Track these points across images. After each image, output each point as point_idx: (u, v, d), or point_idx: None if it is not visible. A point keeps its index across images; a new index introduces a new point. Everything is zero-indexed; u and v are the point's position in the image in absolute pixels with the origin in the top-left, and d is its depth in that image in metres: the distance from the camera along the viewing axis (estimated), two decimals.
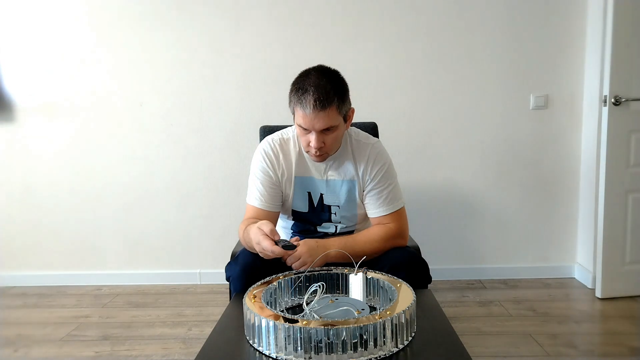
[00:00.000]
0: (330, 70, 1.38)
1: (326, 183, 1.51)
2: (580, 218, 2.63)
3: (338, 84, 1.36)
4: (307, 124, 1.33)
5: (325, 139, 1.37)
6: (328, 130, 1.35)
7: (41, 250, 2.77)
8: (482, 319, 2.18)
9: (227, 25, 2.56)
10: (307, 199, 1.53)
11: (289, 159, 1.50)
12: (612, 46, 2.22)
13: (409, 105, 2.59)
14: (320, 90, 1.30)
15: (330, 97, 1.31)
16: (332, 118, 1.33)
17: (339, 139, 1.44)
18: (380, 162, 1.49)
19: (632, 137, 2.31)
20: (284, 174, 1.50)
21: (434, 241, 2.66)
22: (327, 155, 1.45)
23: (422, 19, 2.53)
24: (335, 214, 1.53)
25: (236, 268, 1.39)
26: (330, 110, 1.31)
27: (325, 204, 1.53)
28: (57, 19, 2.58)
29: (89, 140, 2.67)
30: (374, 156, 1.49)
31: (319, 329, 0.93)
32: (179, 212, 2.71)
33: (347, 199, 1.51)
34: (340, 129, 1.39)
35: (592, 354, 1.87)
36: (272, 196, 1.49)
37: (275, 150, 1.50)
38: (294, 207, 1.54)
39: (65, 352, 1.99)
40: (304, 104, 1.30)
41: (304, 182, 1.52)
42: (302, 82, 1.33)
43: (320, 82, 1.31)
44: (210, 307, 2.42)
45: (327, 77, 1.35)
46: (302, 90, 1.31)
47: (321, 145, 1.37)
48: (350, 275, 1.21)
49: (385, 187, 1.49)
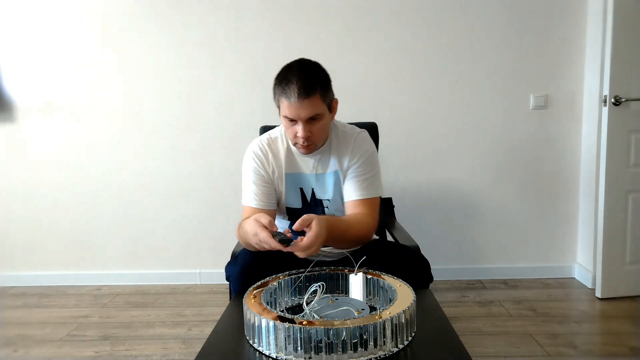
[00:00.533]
0: (311, 62, 1.41)
1: (316, 177, 1.52)
2: (580, 218, 2.63)
3: (320, 73, 1.40)
4: (293, 114, 1.35)
5: (312, 129, 1.38)
6: (314, 120, 1.37)
7: (41, 250, 2.77)
8: (482, 319, 2.18)
9: (227, 25, 2.56)
10: (300, 195, 1.54)
11: (278, 157, 1.52)
12: (612, 46, 2.22)
13: (409, 105, 2.59)
14: (303, 79, 1.33)
15: (314, 85, 1.34)
16: (317, 106, 1.35)
17: (326, 129, 1.45)
18: (362, 150, 1.51)
19: (632, 137, 2.31)
20: (275, 171, 1.52)
21: (434, 241, 2.66)
22: (315, 147, 1.46)
23: (422, 19, 2.53)
24: (327, 208, 1.54)
25: (236, 268, 1.39)
26: (315, 98, 1.34)
27: (317, 199, 1.54)
28: (57, 19, 2.58)
29: (89, 140, 2.67)
30: (358, 144, 1.51)
31: (319, 329, 0.93)
32: (179, 212, 2.71)
33: (335, 191, 1.53)
34: (326, 119, 1.42)
35: (592, 354, 1.87)
36: (267, 194, 1.50)
37: (264, 149, 1.52)
38: (288, 204, 1.55)
39: (65, 352, 1.99)
40: (288, 94, 1.33)
41: (294, 179, 1.53)
42: (285, 74, 1.37)
43: (303, 72, 1.35)
44: (210, 307, 2.42)
45: (309, 67, 1.39)
46: (286, 81, 1.34)
47: (308, 135, 1.38)
48: (350, 275, 1.21)
49: (364, 174, 1.50)
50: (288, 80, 1.34)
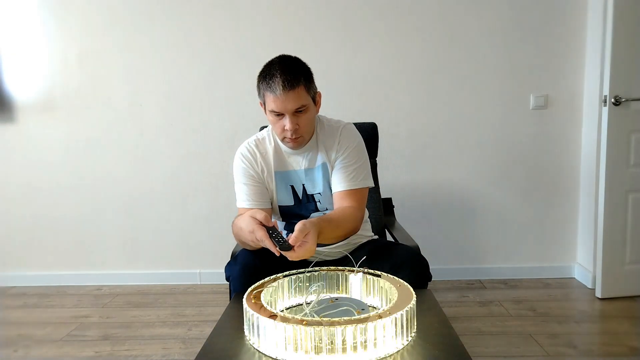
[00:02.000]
0: (291, 57, 1.45)
1: (305, 172, 1.53)
2: (580, 218, 2.63)
3: (301, 66, 1.42)
4: (279, 107, 1.37)
5: (299, 121, 1.40)
6: (300, 112, 1.39)
7: (41, 250, 2.77)
8: (482, 319, 2.18)
9: (227, 25, 2.56)
10: (291, 192, 1.54)
11: (266, 157, 1.53)
12: (612, 46, 2.22)
13: (409, 105, 2.59)
14: (287, 72, 1.36)
15: (297, 77, 1.36)
16: (302, 97, 1.38)
17: (312, 121, 1.46)
18: (348, 140, 1.52)
19: (632, 137, 2.31)
20: (264, 170, 1.52)
21: (434, 241, 2.66)
22: (303, 140, 1.47)
23: (422, 19, 2.53)
24: (319, 202, 1.54)
25: (236, 268, 1.39)
26: (299, 89, 1.36)
27: (309, 194, 1.54)
28: (57, 20, 2.58)
29: (89, 140, 2.67)
30: (344, 136, 1.52)
31: (319, 329, 0.93)
32: (179, 212, 2.71)
33: (324, 185, 1.53)
34: (311, 111, 1.44)
35: (592, 354, 1.87)
36: (260, 194, 1.51)
37: (252, 151, 1.53)
38: (280, 203, 1.55)
39: (65, 352, 1.99)
40: (273, 87, 1.36)
41: (284, 177, 1.53)
42: (268, 70, 1.40)
43: (285, 66, 1.38)
44: (210, 307, 2.42)
45: (290, 61, 1.42)
46: (270, 75, 1.37)
47: (296, 127, 1.40)
48: (350, 275, 1.21)
49: (352, 164, 1.50)
50: (271, 74, 1.37)
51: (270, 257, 1.33)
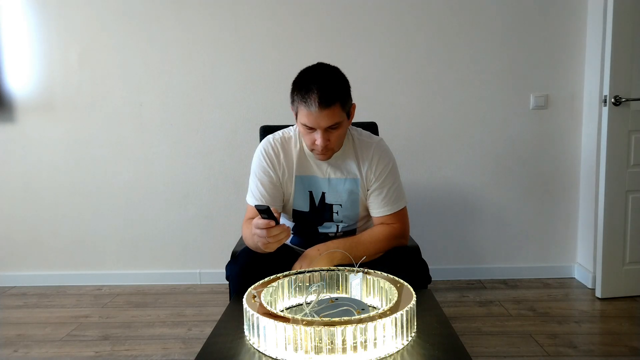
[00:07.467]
0: (330, 67, 1.38)
1: (328, 181, 1.50)
2: (580, 218, 2.63)
3: (340, 80, 1.36)
4: (312, 122, 1.32)
5: (330, 136, 1.36)
6: (333, 128, 1.35)
7: (41, 250, 2.77)
8: (482, 319, 2.18)
9: (227, 25, 2.56)
10: (309, 198, 1.52)
11: (289, 158, 1.49)
12: (612, 46, 2.22)
13: (409, 105, 2.59)
14: (324, 88, 1.29)
15: (334, 94, 1.30)
16: (337, 115, 1.32)
17: (343, 135, 1.43)
18: (384, 161, 1.49)
19: (632, 137, 2.31)
20: (285, 172, 1.49)
21: (434, 241, 2.66)
22: (333, 153, 1.44)
23: (422, 19, 2.53)
24: (337, 213, 1.53)
25: (236, 268, 1.39)
26: (335, 107, 1.31)
27: (326, 203, 1.52)
28: (57, 19, 2.58)
29: (88, 140, 2.67)
30: (379, 155, 1.49)
31: (319, 329, 0.93)
32: (179, 212, 2.71)
33: (349, 198, 1.51)
34: (344, 126, 1.39)
35: (592, 354, 1.87)
36: (273, 196, 1.48)
37: (276, 148, 1.49)
38: (295, 207, 1.53)
39: (65, 352, 1.99)
40: (308, 103, 1.29)
41: (305, 181, 1.51)
42: (305, 81, 1.33)
43: (323, 80, 1.31)
44: (210, 307, 2.42)
45: (329, 74, 1.35)
46: (306, 89, 1.30)
47: (327, 143, 1.36)
48: (350, 275, 1.21)
49: (389, 186, 1.49)
50: (308, 88, 1.30)
51: (271, 257, 1.33)
